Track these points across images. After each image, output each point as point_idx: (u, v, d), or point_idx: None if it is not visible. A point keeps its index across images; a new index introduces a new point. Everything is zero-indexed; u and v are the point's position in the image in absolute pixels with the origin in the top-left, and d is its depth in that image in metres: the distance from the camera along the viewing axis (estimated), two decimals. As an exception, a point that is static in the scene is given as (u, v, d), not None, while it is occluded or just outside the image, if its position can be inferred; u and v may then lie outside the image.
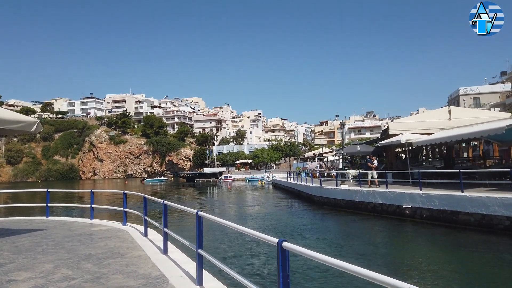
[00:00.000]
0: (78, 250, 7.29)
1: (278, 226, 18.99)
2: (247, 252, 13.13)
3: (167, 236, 6.86)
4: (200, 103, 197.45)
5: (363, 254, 13.27)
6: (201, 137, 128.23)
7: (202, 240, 5.08)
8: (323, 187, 24.76)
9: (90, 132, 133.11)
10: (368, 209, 20.34)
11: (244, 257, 12.44)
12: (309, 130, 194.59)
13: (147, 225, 8.80)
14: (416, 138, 20.61)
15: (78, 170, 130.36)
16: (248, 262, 11.66)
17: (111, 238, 8.62)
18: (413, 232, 16.34)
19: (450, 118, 22.47)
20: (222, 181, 75.76)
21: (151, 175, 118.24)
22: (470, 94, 75.53)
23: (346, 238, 15.89)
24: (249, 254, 12.88)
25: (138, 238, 8.55)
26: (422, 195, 17.14)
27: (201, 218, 5.03)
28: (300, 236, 16.58)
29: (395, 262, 12.05)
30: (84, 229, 10.10)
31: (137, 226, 10.23)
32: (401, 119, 27.02)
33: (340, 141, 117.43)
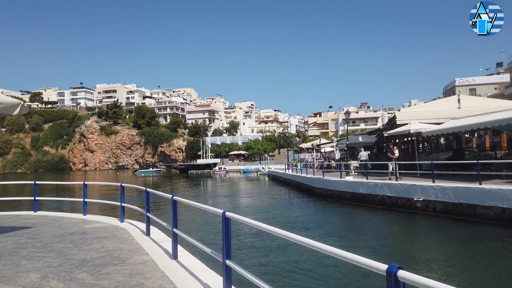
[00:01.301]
0: (71, 254, 6.17)
1: (282, 219, 18.00)
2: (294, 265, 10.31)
3: (177, 239, 5.78)
4: (193, 94, 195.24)
5: (376, 248, 12.42)
6: (194, 128, 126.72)
7: (230, 247, 4.00)
8: (326, 179, 23.79)
9: (81, 122, 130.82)
10: (376, 202, 19.44)
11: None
12: (302, 122, 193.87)
13: (150, 222, 7.70)
14: (425, 128, 19.69)
15: (68, 161, 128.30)
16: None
17: (108, 238, 7.50)
18: (426, 226, 15.46)
19: (460, 107, 21.55)
20: (217, 172, 74.66)
21: (143, 166, 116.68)
22: (466, 85, 75.01)
23: (356, 232, 14.97)
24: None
25: (139, 238, 7.44)
26: (435, 187, 16.23)
27: (228, 220, 3.96)
28: (305, 229, 15.67)
29: (411, 257, 11.26)
30: (76, 226, 8.96)
31: (136, 223, 9.11)
32: (408, 108, 26.08)
33: (334, 132, 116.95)
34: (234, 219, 3.88)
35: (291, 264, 10.21)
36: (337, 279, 8.89)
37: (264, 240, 13.11)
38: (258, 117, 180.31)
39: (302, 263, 10.20)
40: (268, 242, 12.84)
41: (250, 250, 11.97)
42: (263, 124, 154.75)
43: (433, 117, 21.05)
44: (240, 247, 12.15)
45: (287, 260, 10.58)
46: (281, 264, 10.21)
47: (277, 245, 12.25)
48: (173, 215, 5.78)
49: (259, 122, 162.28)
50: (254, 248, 12.22)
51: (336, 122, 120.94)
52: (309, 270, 9.57)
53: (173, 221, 5.77)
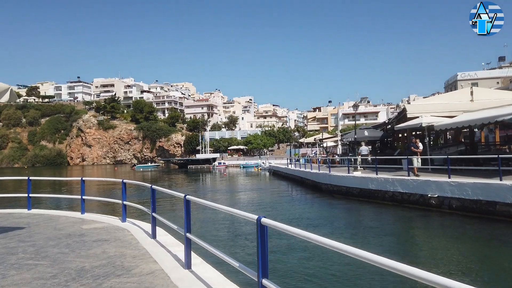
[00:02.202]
0: (67, 262, 5.35)
1: (288, 216, 17.20)
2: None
3: (190, 245, 4.96)
4: (191, 88, 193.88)
5: (390, 246, 11.74)
6: (193, 123, 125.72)
7: (267, 263, 3.18)
8: (333, 174, 23.01)
9: (78, 117, 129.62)
10: (386, 198, 18.67)
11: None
12: (300, 116, 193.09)
13: (156, 223, 6.86)
14: (438, 121, 18.88)
15: (66, 156, 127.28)
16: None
17: (109, 241, 6.67)
18: (442, 223, 14.73)
19: (473, 99, 20.75)
20: (216, 167, 73.81)
21: (141, 161, 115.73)
22: (468, 79, 74.13)
23: (368, 229, 14.23)
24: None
25: (144, 241, 6.61)
26: (451, 183, 15.44)
27: (265, 228, 3.14)
28: (313, 226, 14.93)
29: (427, 255, 10.61)
30: (73, 227, 8.12)
31: (140, 223, 8.28)
32: (419, 101, 25.26)
33: (334, 126, 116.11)
34: (272, 226, 3.05)
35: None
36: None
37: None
38: (256, 112, 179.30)
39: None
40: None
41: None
42: (262, 119, 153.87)
43: (445, 110, 20.24)
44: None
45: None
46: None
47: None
48: (186, 218, 4.96)
49: (258, 117, 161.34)
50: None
51: (336, 117, 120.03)
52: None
53: (186, 225, 4.94)
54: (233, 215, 3.84)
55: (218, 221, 16.29)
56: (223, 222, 16.08)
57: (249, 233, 13.08)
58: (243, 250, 11.01)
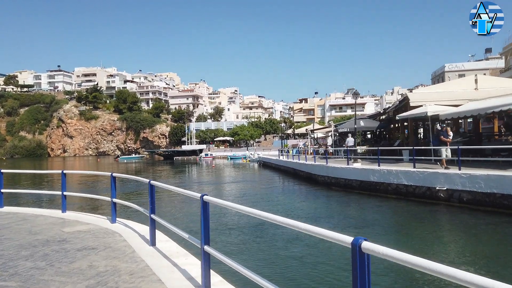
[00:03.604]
0: (43, 283, 4.06)
1: (285, 209, 16.11)
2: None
3: (209, 260, 3.73)
4: (175, 78, 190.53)
5: (399, 241, 10.84)
6: (178, 114, 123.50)
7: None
8: (331, 165, 21.99)
9: (59, 107, 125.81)
10: (389, 190, 17.74)
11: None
12: (286, 108, 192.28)
13: (155, 226, 5.60)
14: (443, 110, 17.98)
15: (46, 147, 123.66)
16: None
17: (98, 249, 5.38)
18: (453, 218, 13.86)
19: (477, 88, 19.95)
20: (203, 159, 72.28)
21: (124, 152, 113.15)
22: (456, 70, 74.29)
23: (373, 224, 13.28)
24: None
25: (142, 249, 5.34)
26: (462, 175, 14.54)
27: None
28: (313, 219, 13.91)
29: (439, 251, 9.88)
30: (53, 229, 6.79)
31: (133, 224, 6.99)
32: (421, 89, 24.39)
33: (321, 118, 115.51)
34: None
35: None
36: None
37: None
38: (242, 103, 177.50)
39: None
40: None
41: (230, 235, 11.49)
42: (247, 110, 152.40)
43: (449, 98, 19.38)
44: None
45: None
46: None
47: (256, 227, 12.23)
48: (204, 226, 3.72)
49: (244, 108, 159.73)
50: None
51: (323, 108, 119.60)
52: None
53: (203, 235, 3.71)
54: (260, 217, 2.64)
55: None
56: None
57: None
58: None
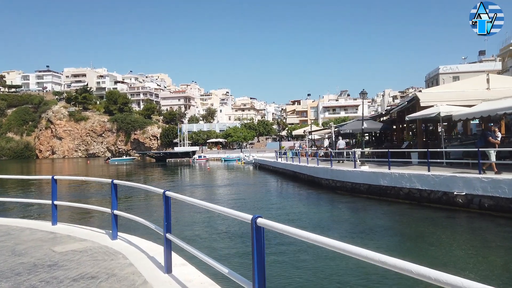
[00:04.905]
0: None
1: (295, 217, 15.05)
2: None
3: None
4: (166, 79, 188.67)
5: (414, 253, 9.80)
6: (169, 115, 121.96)
7: None
8: (336, 168, 21.00)
9: (47, 108, 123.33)
10: (401, 195, 16.80)
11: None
12: (278, 110, 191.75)
13: (171, 248, 4.47)
14: (457, 111, 17.11)
15: (34, 149, 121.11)
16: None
17: (100, 279, 4.23)
18: (473, 226, 12.92)
19: (489, 88, 19.16)
20: (196, 161, 70.89)
21: (115, 154, 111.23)
22: (450, 72, 74.11)
23: (388, 232, 12.30)
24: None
25: (156, 278, 4.21)
26: (484, 179, 13.64)
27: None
28: (322, 228, 12.80)
29: (460, 263, 8.90)
30: (41, 248, 5.61)
31: (138, 241, 5.84)
32: (432, 89, 23.57)
33: (313, 119, 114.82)
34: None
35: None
36: None
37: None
38: (234, 104, 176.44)
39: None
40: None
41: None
42: (239, 112, 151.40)
43: (461, 98, 18.53)
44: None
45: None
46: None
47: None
48: (257, 253, 2.64)
49: (236, 110, 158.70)
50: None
51: (316, 110, 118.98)
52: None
53: (256, 267, 2.63)
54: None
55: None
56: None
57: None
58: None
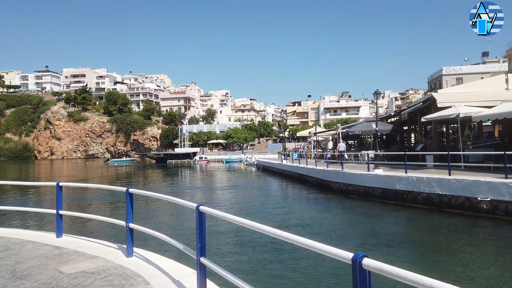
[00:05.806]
0: None
1: (305, 222, 14.28)
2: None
3: None
4: (166, 80, 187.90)
5: (440, 265, 8.99)
6: (169, 116, 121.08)
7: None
8: (347, 172, 20.23)
9: (46, 108, 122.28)
10: (418, 200, 16.06)
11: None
12: (278, 111, 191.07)
13: (205, 273, 3.69)
14: (477, 112, 16.37)
15: (33, 150, 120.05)
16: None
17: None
18: (502, 234, 12.15)
19: (508, 88, 18.44)
20: (197, 162, 70.05)
21: (114, 155, 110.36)
22: (453, 74, 73.55)
23: (411, 241, 11.51)
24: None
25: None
26: (510, 184, 12.90)
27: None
28: (340, 237, 12.02)
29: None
30: (46, 268, 4.82)
31: (156, 259, 5.05)
32: (448, 89, 22.78)
33: (314, 121, 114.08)
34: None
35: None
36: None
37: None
38: (234, 105, 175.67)
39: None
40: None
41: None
42: (239, 113, 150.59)
43: (480, 99, 17.82)
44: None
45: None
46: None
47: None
48: None
49: (236, 111, 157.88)
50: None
51: (317, 111, 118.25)
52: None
53: None
54: None
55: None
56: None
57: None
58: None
